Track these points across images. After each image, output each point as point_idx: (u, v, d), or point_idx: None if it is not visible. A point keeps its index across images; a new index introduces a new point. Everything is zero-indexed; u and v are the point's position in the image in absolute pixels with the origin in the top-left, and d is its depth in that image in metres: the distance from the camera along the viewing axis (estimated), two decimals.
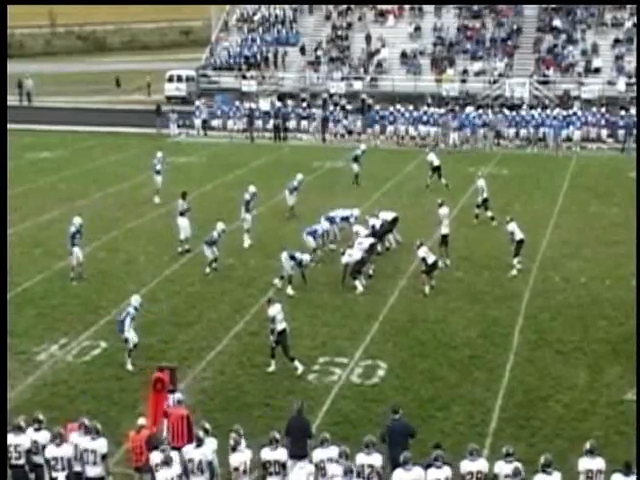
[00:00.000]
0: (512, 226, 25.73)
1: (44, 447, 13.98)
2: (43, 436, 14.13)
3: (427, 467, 13.16)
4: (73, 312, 22.97)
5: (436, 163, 36.58)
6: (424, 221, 29.32)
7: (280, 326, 19.32)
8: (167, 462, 13.30)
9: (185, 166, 41.93)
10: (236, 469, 13.59)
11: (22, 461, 14.05)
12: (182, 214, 27.80)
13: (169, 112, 51.44)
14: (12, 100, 62.48)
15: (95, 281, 25.25)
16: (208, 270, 25.63)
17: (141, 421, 14.63)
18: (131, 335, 19.74)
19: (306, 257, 24.62)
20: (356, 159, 37.06)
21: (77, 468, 13.98)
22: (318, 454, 13.72)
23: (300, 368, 19.41)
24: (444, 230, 26.57)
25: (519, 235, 25.60)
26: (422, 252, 24.26)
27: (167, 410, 14.99)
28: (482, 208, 30.73)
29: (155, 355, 20.32)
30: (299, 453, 14.31)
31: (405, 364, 19.97)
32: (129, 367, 19.65)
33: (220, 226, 25.77)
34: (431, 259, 24.29)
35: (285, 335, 19.44)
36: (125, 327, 19.68)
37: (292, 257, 24.25)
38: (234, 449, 13.73)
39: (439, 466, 13.14)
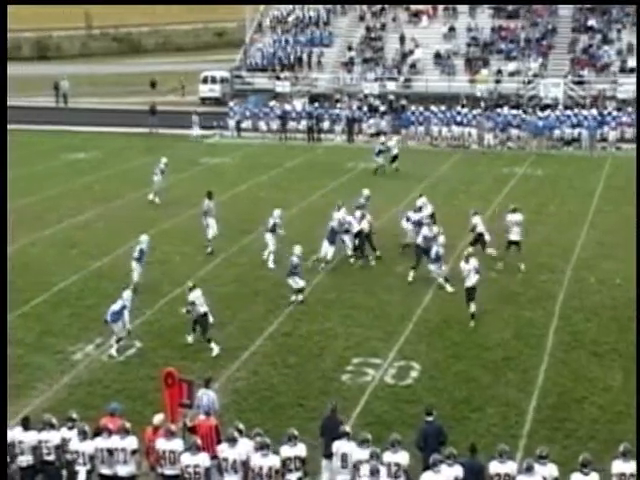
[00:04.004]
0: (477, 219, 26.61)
1: (69, 440, 14.18)
2: (75, 434, 14.27)
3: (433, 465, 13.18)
4: None
5: (394, 152, 39.84)
6: (457, 221, 29.11)
7: (202, 309, 20.58)
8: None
9: (219, 167, 42.10)
10: (225, 459, 13.68)
11: (52, 457, 14.28)
12: (206, 214, 28.17)
13: (192, 114, 51.17)
14: (49, 101, 63.10)
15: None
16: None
17: (156, 420, 14.68)
18: (128, 326, 20.60)
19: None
20: (380, 153, 39.58)
21: (105, 470, 14.08)
22: (357, 454, 13.65)
23: (216, 350, 20.34)
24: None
25: (515, 236, 26.20)
26: (476, 219, 26.34)
27: (195, 424, 14.83)
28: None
29: (189, 355, 20.47)
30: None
31: (439, 365, 19.95)
32: (115, 354, 20.48)
33: (297, 250, 23.99)
34: (480, 228, 26.13)
35: (207, 318, 20.66)
36: (125, 319, 20.41)
37: (331, 241, 26.11)
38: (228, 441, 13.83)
39: (450, 464, 13.17)
